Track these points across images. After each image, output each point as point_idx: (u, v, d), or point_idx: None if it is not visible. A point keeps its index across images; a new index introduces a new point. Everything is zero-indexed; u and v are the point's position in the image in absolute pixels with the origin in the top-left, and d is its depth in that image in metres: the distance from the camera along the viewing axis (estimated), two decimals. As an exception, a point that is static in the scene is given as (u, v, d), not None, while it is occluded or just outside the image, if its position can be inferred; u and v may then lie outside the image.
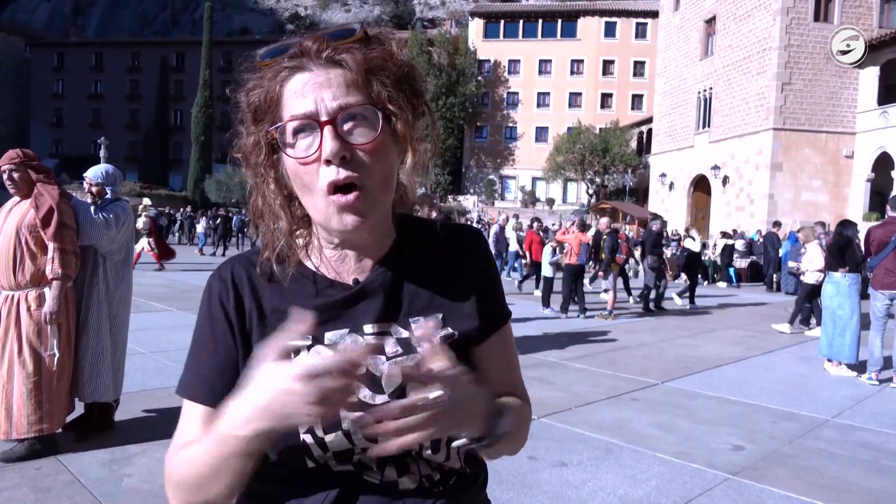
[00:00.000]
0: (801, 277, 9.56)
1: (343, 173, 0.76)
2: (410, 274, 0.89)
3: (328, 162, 0.76)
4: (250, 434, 0.69)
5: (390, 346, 0.84)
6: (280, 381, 0.65)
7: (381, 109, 0.79)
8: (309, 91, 0.77)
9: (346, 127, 0.77)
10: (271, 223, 0.86)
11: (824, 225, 11.78)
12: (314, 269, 0.88)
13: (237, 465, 0.73)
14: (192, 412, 0.84)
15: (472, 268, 0.93)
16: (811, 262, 9.11)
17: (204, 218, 25.03)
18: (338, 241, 0.86)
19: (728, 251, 17.71)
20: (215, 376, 0.84)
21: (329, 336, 0.84)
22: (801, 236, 10.25)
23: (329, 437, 0.80)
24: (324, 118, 0.76)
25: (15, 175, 3.60)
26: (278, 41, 0.83)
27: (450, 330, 0.88)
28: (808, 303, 9.46)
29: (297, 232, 0.88)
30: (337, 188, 0.77)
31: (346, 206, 0.77)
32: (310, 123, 0.77)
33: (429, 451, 0.84)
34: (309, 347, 0.81)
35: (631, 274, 14.22)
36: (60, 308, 3.59)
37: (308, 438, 0.80)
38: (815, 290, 8.88)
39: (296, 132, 0.78)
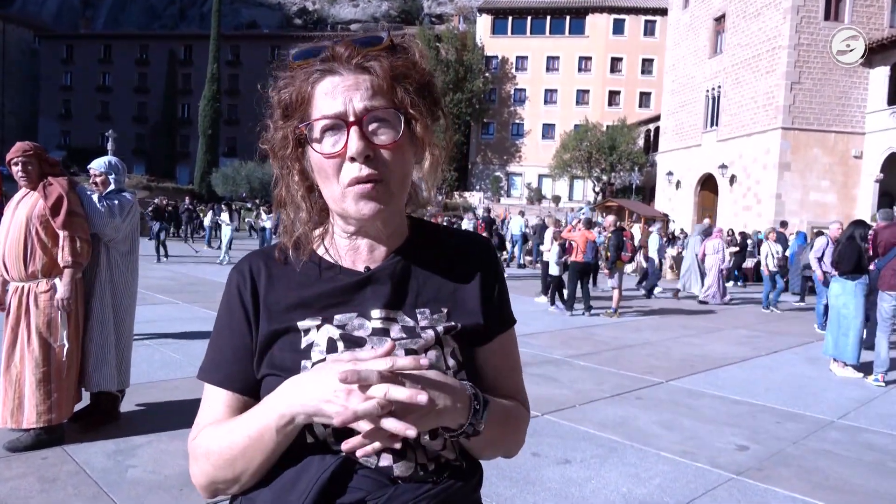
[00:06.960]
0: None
1: (366, 170, 0.83)
2: (419, 268, 0.95)
3: (352, 159, 0.83)
4: (289, 415, 0.78)
5: (395, 332, 0.89)
6: (331, 380, 0.74)
7: (404, 113, 0.86)
8: (339, 93, 0.84)
9: (371, 128, 0.84)
10: (292, 212, 0.93)
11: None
12: (328, 257, 0.94)
13: (271, 442, 0.81)
14: (213, 395, 0.91)
15: (479, 272, 0.98)
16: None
17: (211, 212, 25.03)
18: (353, 230, 0.92)
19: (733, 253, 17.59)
20: (232, 362, 0.91)
21: (338, 318, 0.89)
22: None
23: None
24: (351, 119, 0.83)
25: (29, 167, 3.63)
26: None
27: (453, 322, 0.92)
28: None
29: (315, 222, 0.94)
30: (357, 181, 0.84)
31: (365, 195, 0.84)
32: (338, 123, 0.84)
33: (426, 438, 0.85)
34: (318, 327, 0.88)
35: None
36: (72, 295, 3.61)
37: None
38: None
39: (324, 129, 0.85)
